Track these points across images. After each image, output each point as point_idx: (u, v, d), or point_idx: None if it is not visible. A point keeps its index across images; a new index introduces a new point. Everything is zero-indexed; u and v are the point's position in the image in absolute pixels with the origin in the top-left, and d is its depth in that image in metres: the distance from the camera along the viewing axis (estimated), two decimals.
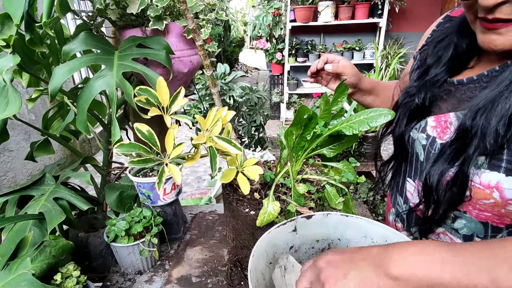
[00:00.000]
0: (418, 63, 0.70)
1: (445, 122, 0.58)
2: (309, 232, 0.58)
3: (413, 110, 0.64)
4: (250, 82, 6.65)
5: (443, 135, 0.58)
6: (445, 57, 0.62)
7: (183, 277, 0.84)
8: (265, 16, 3.95)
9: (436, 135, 0.59)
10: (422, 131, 0.62)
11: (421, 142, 0.62)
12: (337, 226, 0.58)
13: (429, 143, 0.60)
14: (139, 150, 0.62)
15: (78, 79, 3.66)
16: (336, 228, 0.58)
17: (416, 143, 0.64)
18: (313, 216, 0.56)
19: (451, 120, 0.57)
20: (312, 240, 0.59)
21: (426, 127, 0.61)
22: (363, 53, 3.95)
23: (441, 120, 0.59)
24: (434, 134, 0.60)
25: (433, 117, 0.61)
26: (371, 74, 2.99)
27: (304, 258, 0.59)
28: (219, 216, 1.10)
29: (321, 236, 0.59)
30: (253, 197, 0.72)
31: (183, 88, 0.71)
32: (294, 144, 0.66)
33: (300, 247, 0.58)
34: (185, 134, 4.16)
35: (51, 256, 0.66)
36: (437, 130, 0.59)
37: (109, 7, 0.83)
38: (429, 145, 0.60)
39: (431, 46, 0.67)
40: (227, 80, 1.75)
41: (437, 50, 0.64)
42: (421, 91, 0.63)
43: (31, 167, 2.80)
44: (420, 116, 0.63)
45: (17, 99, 0.65)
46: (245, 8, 9.83)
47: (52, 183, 0.84)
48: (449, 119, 0.58)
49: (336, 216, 0.57)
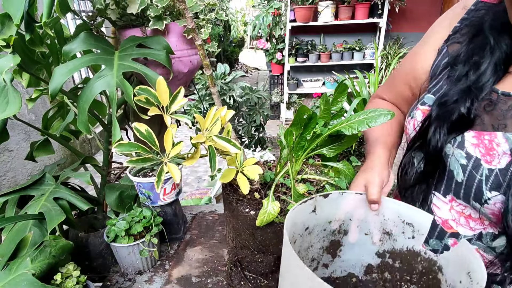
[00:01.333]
0: (447, 59, 0.60)
1: (490, 142, 0.51)
2: (324, 212, 0.57)
3: (456, 121, 0.54)
4: (250, 82, 6.65)
5: (490, 159, 0.51)
6: (485, 60, 0.53)
7: (183, 277, 0.84)
8: (265, 16, 3.95)
9: (480, 156, 0.52)
10: (460, 147, 0.54)
11: (459, 161, 0.54)
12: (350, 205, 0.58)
13: (472, 166, 0.53)
14: (138, 149, 0.62)
15: (78, 79, 3.66)
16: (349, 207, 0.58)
17: (451, 159, 0.56)
18: (330, 195, 0.55)
19: (499, 142, 0.50)
20: (325, 221, 0.58)
21: (464, 143, 0.54)
22: (363, 53, 3.95)
23: (484, 139, 0.52)
24: (477, 155, 0.52)
25: (472, 132, 0.53)
26: (371, 74, 2.99)
27: (316, 241, 0.58)
28: (219, 216, 1.10)
29: (334, 217, 0.58)
30: (253, 197, 0.72)
31: (183, 88, 0.71)
32: (294, 144, 0.66)
33: (313, 229, 0.57)
34: (185, 134, 4.16)
35: (51, 256, 0.66)
36: (481, 150, 0.52)
37: (109, 7, 0.83)
38: (473, 168, 0.53)
39: (464, 42, 0.58)
40: (227, 80, 1.75)
41: (474, 50, 0.55)
42: (466, 99, 0.53)
43: (31, 167, 2.80)
44: (461, 129, 0.55)
45: (17, 99, 0.65)
46: (245, 8, 9.83)
47: (52, 183, 0.84)
48: (495, 139, 0.51)
49: (351, 195, 0.57)
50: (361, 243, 0.59)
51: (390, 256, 0.58)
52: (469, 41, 0.57)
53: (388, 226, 0.57)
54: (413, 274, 0.55)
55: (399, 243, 0.56)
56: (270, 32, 4.10)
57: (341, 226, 0.59)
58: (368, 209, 0.57)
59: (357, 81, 2.85)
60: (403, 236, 0.56)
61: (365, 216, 0.58)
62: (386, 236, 0.58)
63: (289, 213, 0.49)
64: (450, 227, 0.60)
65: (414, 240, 0.54)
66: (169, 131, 0.64)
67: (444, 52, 0.62)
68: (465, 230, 0.58)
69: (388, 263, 0.58)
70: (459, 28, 0.61)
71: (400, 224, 0.56)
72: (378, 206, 0.55)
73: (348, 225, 0.59)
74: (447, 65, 0.60)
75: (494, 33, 0.53)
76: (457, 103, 0.54)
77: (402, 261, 0.56)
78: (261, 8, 4.02)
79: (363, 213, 0.57)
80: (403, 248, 0.56)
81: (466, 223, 0.58)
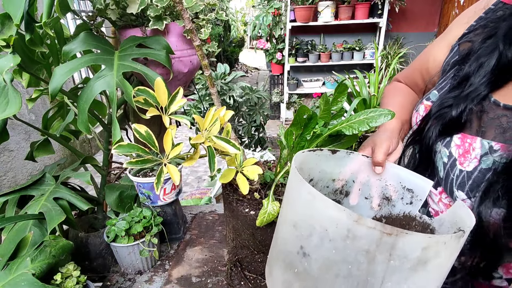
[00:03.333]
0: (456, 58, 0.61)
1: (469, 145, 0.54)
2: (329, 168, 0.58)
3: (447, 123, 0.57)
4: (250, 82, 6.65)
5: (463, 161, 0.54)
6: (488, 65, 0.54)
7: (183, 277, 0.84)
8: (265, 16, 3.95)
9: (457, 157, 0.55)
10: (446, 146, 0.58)
11: (443, 158, 0.58)
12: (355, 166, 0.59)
13: (450, 165, 0.56)
14: (138, 151, 0.62)
15: (78, 79, 3.66)
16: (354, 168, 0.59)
17: (437, 156, 0.60)
18: (338, 152, 0.57)
19: (475, 146, 0.53)
20: (329, 178, 0.59)
21: (450, 143, 0.57)
22: (363, 53, 3.95)
23: (466, 142, 0.54)
24: (455, 155, 0.56)
25: (460, 134, 0.56)
26: (371, 74, 2.99)
27: None
28: (219, 216, 1.10)
29: (338, 176, 0.59)
30: (253, 197, 0.72)
31: (182, 88, 0.71)
32: (294, 144, 0.66)
33: (317, 183, 0.59)
34: (185, 134, 4.16)
35: (51, 256, 0.66)
36: (459, 151, 0.55)
37: (109, 7, 0.83)
38: (449, 167, 0.56)
39: (476, 42, 0.58)
40: (227, 80, 1.75)
41: (482, 52, 0.55)
42: (460, 104, 0.55)
43: (31, 167, 2.80)
44: (451, 131, 0.57)
45: (17, 99, 0.65)
46: (245, 8, 9.83)
47: (52, 183, 0.84)
48: (473, 143, 0.53)
49: (358, 156, 0.58)
50: (360, 206, 0.61)
51: (386, 222, 0.59)
52: (481, 42, 0.57)
53: (388, 192, 0.59)
54: None
55: (397, 209, 0.58)
56: (270, 32, 4.10)
57: (344, 187, 0.61)
58: (372, 173, 0.58)
59: (357, 81, 2.84)
60: (401, 201, 0.58)
61: (368, 180, 0.59)
62: (385, 201, 0.59)
63: (298, 153, 0.50)
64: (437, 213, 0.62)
65: (412, 205, 0.56)
66: (169, 132, 0.64)
67: (455, 50, 0.63)
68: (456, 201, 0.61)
69: None
70: (474, 27, 0.61)
71: (401, 190, 0.57)
72: (382, 169, 0.57)
73: (351, 186, 0.60)
74: (456, 63, 0.61)
75: (506, 40, 0.52)
76: (451, 107, 0.56)
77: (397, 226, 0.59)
78: (261, 8, 4.02)
79: (366, 176, 0.59)
80: (400, 214, 0.58)
81: None
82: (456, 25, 0.66)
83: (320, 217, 0.39)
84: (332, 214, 0.37)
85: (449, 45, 0.65)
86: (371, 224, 0.34)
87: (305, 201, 0.41)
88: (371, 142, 0.61)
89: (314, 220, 0.39)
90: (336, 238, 0.37)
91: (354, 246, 0.36)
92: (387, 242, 0.34)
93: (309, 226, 0.40)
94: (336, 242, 0.37)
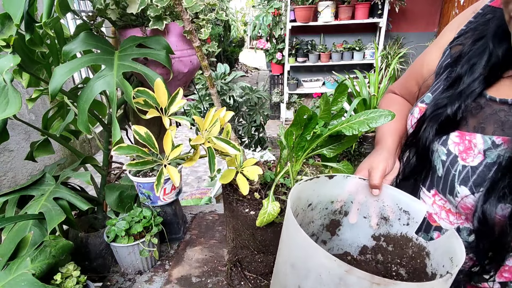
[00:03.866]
0: (448, 61, 0.63)
1: (469, 141, 0.55)
2: (327, 192, 0.60)
3: (443, 122, 0.58)
4: (250, 82, 6.65)
5: (466, 156, 0.55)
6: (479, 65, 0.55)
7: (183, 277, 0.84)
8: (265, 16, 3.95)
9: (458, 154, 0.56)
10: (443, 144, 0.58)
11: (441, 157, 0.59)
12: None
13: (450, 161, 0.57)
14: (138, 152, 0.62)
15: (78, 79, 3.66)
16: (351, 190, 0.61)
17: (435, 155, 0.60)
18: (335, 177, 0.58)
19: (476, 142, 0.54)
20: (328, 201, 0.61)
21: (447, 141, 0.58)
22: (363, 53, 3.95)
23: (466, 139, 0.55)
24: (455, 152, 0.56)
25: (457, 132, 0.57)
26: (371, 74, 2.99)
27: (317, 218, 0.62)
28: (219, 216, 1.10)
29: (336, 198, 0.61)
30: (253, 197, 0.72)
31: (181, 89, 0.71)
32: (294, 144, 0.66)
33: (316, 206, 0.60)
34: (185, 134, 4.16)
35: (51, 256, 0.66)
36: (459, 148, 0.56)
37: (109, 7, 0.83)
38: (450, 164, 0.57)
39: (466, 45, 0.60)
40: (227, 80, 1.75)
41: (472, 54, 0.57)
42: (455, 102, 0.57)
43: (31, 167, 2.80)
44: (447, 129, 0.58)
45: (17, 99, 0.65)
46: (245, 8, 9.82)
47: (52, 183, 0.84)
48: (474, 139, 0.54)
49: (354, 179, 0.60)
50: (359, 225, 0.62)
51: (385, 240, 0.61)
52: (471, 44, 0.59)
53: (386, 212, 0.60)
54: (403, 257, 0.59)
55: (394, 229, 0.59)
56: (270, 32, 4.09)
57: (342, 207, 0.62)
58: (369, 194, 0.59)
59: (357, 81, 2.85)
60: (398, 222, 0.59)
61: (366, 201, 0.60)
62: (383, 221, 0.60)
63: (295, 186, 0.52)
64: (434, 221, 0.63)
65: (408, 227, 0.57)
66: (168, 133, 0.64)
67: (447, 54, 0.65)
68: (446, 224, 0.61)
69: (382, 246, 0.61)
70: (464, 31, 0.63)
71: (398, 211, 0.58)
72: (379, 191, 0.58)
73: (349, 206, 0.61)
74: (448, 66, 0.63)
75: (495, 39, 0.54)
76: (446, 106, 0.58)
77: (395, 245, 0.60)
78: (261, 8, 4.02)
79: (364, 197, 0.60)
80: (397, 234, 0.59)
81: (446, 217, 0.61)
82: (448, 31, 0.68)
83: (314, 263, 0.41)
84: (324, 262, 0.38)
85: (441, 50, 0.67)
86: (361, 275, 0.35)
87: (301, 247, 0.43)
88: (368, 164, 0.62)
89: (310, 264, 0.41)
90: (330, 284, 0.39)
91: None
92: None
93: (305, 268, 0.43)
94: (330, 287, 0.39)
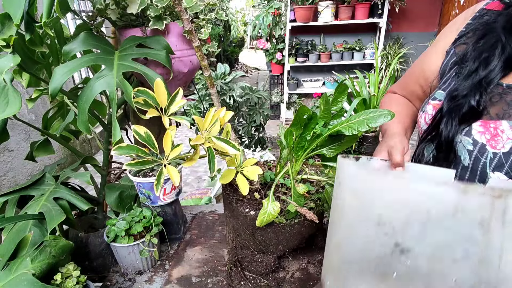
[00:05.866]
0: (455, 59, 0.66)
1: (495, 129, 0.57)
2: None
3: (466, 113, 0.59)
4: (250, 82, 6.65)
5: (495, 144, 0.56)
6: (493, 57, 0.59)
7: (183, 277, 0.84)
8: (265, 16, 3.95)
9: (485, 142, 0.57)
10: (467, 135, 0.60)
11: (466, 147, 0.60)
12: None
13: (478, 150, 0.58)
14: (137, 152, 0.62)
15: (78, 79, 3.66)
16: None
17: (458, 146, 0.62)
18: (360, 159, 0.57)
19: (503, 128, 0.56)
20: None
21: (471, 131, 0.59)
22: (363, 53, 3.95)
23: (490, 127, 0.57)
24: (482, 141, 0.58)
25: (479, 121, 0.59)
26: (371, 74, 2.99)
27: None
28: (219, 216, 1.10)
29: None
30: (253, 197, 0.72)
31: (181, 89, 0.71)
32: (294, 144, 0.66)
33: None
34: (185, 134, 4.16)
35: (51, 256, 0.66)
36: (486, 136, 0.57)
37: (109, 7, 0.83)
38: (478, 152, 0.58)
39: (470, 43, 0.64)
40: (227, 80, 1.75)
41: (482, 48, 0.61)
42: (475, 92, 0.59)
43: (31, 167, 2.80)
44: (470, 120, 0.60)
45: (17, 99, 0.65)
46: (245, 8, 9.82)
47: (52, 183, 0.84)
48: (500, 126, 0.56)
49: (377, 161, 0.60)
50: None
51: None
52: (476, 41, 0.62)
53: None
54: None
55: None
56: (270, 32, 4.09)
57: None
58: None
59: (357, 81, 2.84)
60: None
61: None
62: None
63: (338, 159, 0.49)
64: None
65: None
66: (168, 133, 0.64)
67: (452, 53, 0.67)
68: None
69: None
70: (465, 32, 0.67)
71: None
72: (402, 169, 0.59)
73: None
74: (455, 63, 0.65)
75: (506, 32, 0.58)
76: (467, 97, 0.59)
77: None
78: (261, 8, 4.01)
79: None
80: None
81: None
82: (447, 32, 0.71)
83: (417, 200, 0.34)
84: (433, 191, 0.32)
85: (443, 51, 0.70)
86: (481, 190, 0.30)
87: (391, 189, 0.36)
88: (385, 147, 0.63)
89: (409, 207, 0.34)
90: (443, 217, 0.32)
91: (467, 219, 0.31)
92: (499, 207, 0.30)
93: (401, 216, 0.35)
94: (444, 222, 0.32)
